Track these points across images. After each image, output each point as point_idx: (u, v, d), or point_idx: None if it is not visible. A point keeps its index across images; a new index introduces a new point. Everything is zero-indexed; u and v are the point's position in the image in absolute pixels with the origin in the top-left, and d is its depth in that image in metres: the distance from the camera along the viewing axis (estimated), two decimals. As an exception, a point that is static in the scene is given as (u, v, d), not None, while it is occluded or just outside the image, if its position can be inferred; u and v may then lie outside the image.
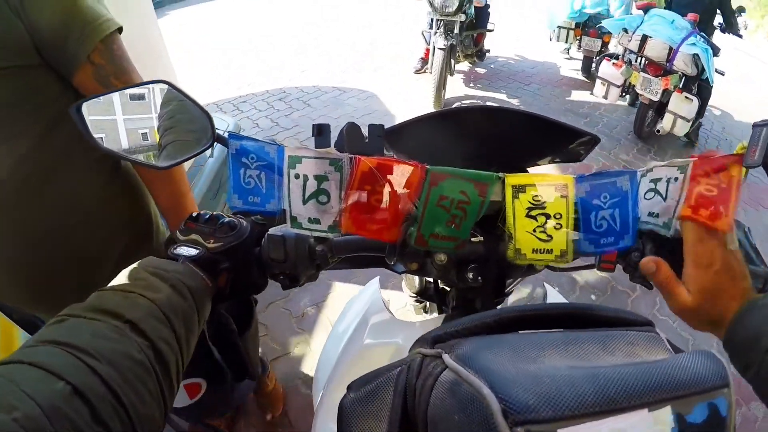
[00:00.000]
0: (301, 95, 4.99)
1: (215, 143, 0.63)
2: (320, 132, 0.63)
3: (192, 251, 0.61)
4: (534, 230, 0.60)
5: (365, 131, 0.68)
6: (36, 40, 0.85)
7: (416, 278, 1.14)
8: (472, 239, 0.73)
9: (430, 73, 4.37)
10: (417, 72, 5.30)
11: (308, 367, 2.26)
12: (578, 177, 0.61)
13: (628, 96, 4.83)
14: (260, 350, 1.90)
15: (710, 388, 0.35)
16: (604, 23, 4.54)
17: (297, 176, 0.59)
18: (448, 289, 0.95)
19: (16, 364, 0.39)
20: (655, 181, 0.61)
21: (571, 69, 6.18)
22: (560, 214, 0.60)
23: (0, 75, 0.84)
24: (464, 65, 5.85)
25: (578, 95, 5.47)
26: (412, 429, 0.42)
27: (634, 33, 3.99)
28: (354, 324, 0.92)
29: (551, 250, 0.60)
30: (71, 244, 1.04)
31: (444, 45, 4.18)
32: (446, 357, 0.40)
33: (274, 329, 2.44)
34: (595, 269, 0.71)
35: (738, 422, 2.21)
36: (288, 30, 7.18)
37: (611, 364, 0.38)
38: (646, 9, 4.12)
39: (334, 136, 0.66)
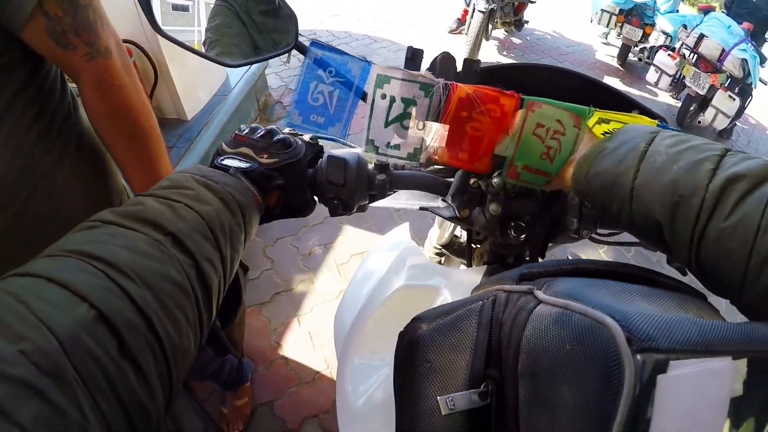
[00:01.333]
0: (331, 39, 4.87)
1: (293, 48, 0.61)
2: (413, 56, 0.60)
3: (243, 164, 0.57)
4: None
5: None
6: None
7: (448, 229, 1.13)
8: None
9: (466, 34, 4.28)
10: (452, 32, 5.19)
11: (308, 306, 2.29)
12: (661, 124, 0.60)
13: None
14: (246, 359, 1.92)
15: None
16: (666, 16, 4.96)
17: (383, 96, 0.56)
18: (478, 246, 0.93)
19: (31, 278, 0.32)
20: None
21: (607, 54, 6.06)
22: None
23: None
24: (500, 33, 5.71)
25: (609, 81, 5.36)
26: (495, 361, 0.41)
27: (692, 30, 4.42)
28: (387, 264, 0.90)
29: None
30: (34, 230, 0.84)
31: (485, 8, 4.08)
32: (539, 293, 0.40)
33: (279, 264, 2.45)
34: (641, 244, 0.70)
35: None
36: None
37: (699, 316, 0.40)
38: (706, 11, 4.69)
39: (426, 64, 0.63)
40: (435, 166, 0.74)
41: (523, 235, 0.71)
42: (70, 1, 0.72)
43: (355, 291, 0.92)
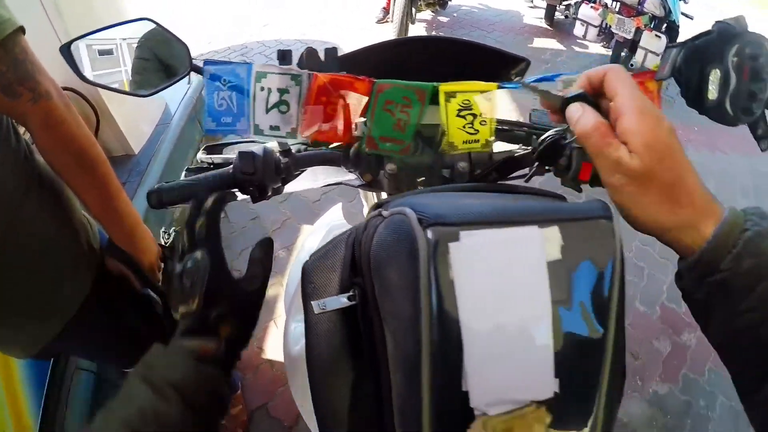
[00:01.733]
0: (262, 49, 4.95)
1: (191, 71, 0.72)
2: (283, 57, 0.72)
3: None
4: (463, 127, 0.70)
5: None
6: None
7: (374, 196, 1.26)
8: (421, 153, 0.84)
9: (392, 22, 4.39)
10: (379, 22, 5.30)
11: (281, 307, 2.35)
12: (501, 84, 0.71)
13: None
14: (234, 372, 1.99)
15: (594, 216, 0.44)
16: None
17: (262, 89, 0.68)
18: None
19: None
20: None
21: (534, 17, 6.25)
22: (485, 113, 0.71)
23: None
24: (427, 14, 5.84)
25: (540, 42, 5.57)
26: (359, 272, 0.51)
27: None
28: (318, 239, 1.03)
29: (478, 140, 0.71)
30: (8, 259, 0.94)
31: None
32: (383, 211, 0.49)
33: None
34: (537, 174, 0.83)
35: (668, 350, 2.46)
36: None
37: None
38: None
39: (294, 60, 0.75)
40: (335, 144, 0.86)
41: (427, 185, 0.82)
42: (11, 58, 0.83)
43: (296, 267, 1.04)
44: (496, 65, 0.94)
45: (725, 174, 3.86)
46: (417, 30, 5.39)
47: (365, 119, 0.70)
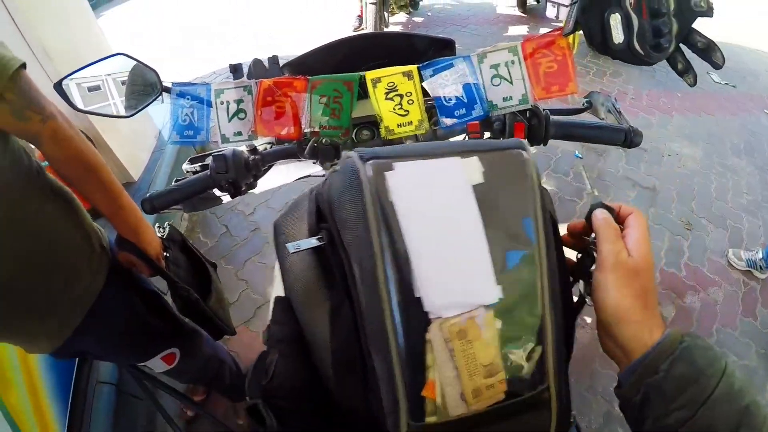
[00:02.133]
0: (235, 61, 5.03)
1: (162, 92, 0.87)
2: (235, 70, 0.87)
3: None
4: (394, 109, 0.82)
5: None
6: None
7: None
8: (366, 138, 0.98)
9: (366, 28, 4.53)
10: (355, 30, 5.39)
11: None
12: (421, 66, 0.82)
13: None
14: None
15: (509, 147, 0.52)
16: None
17: (222, 103, 0.83)
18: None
19: None
20: (495, 66, 0.81)
21: (507, 6, 6.37)
22: (411, 92, 0.82)
23: None
24: (401, 17, 5.97)
25: (515, 30, 5.70)
26: (324, 218, 0.56)
27: None
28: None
29: (411, 122, 0.82)
30: (16, 271, 1.09)
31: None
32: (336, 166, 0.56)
33: (253, 283, 2.67)
34: (466, 137, 0.94)
35: (673, 315, 2.55)
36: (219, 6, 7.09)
37: None
38: None
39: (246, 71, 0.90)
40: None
41: None
42: (18, 88, 0.99)
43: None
44: (424, 47, 1.06)
45: (713, 136, 3.98)
46: (392, 33, 5.49)
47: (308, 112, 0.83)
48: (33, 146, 1.10)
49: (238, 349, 2.21)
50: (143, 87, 0.92)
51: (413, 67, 0.82)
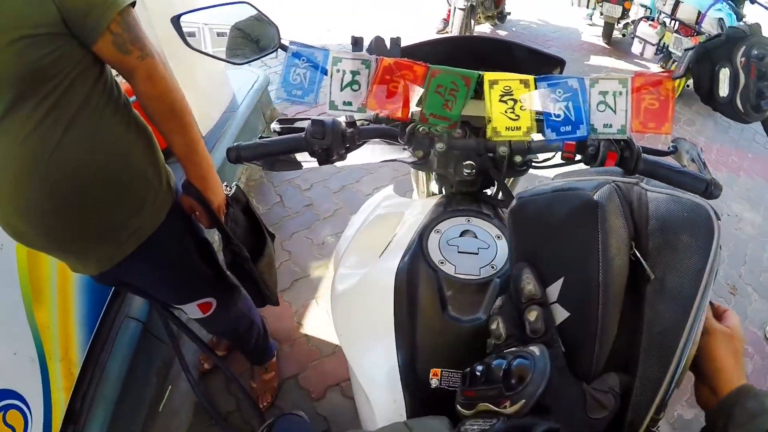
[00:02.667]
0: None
1: (278, 48, 0.88)
2: (356, 42, 0.87)
3: (486, 425, 0.50)
4: (505, 111, 0.81)
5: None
6: (63, 13, 0.98)
7: (424, 186, 1.39)
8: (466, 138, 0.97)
9: (451, 32, 4.52)
10: (439, 32, 5.40)
11: (324, 288, 2.52)
12: (538, 78, 0.82)
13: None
14: (271, 339, 2.10)
15: None
16: None
17: (338, 71, 0.83)
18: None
19: None
20: (604, 93, 0.81)
21: (593, 35, 6.24)
22: (525, 99, 0.81)
23: (36, 40, 0.97)
24: (486, 27, 5.94)
25: (597, 60, 5.58)
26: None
27: None
28: (370, 209, 1.18)
29: (519, 127, 0.82)
30: (88, 190, 1.14)
31: (464, 5, 4.32)
32: (643, 184, 0.67)
33: (296, 255, 2.70)
34: (565, 163, 0.94)
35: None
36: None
37: None
38: None
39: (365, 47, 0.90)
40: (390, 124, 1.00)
41: (473, 169, 0.95)
42: (126, 23, 1.06)
43: (349, 230, 1.19)
44: (532, 60, 1.07)
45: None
46: (474, 41, 5.47)
47: (420, 98, 0.83)
48: (125, 81, 1.16)
49: (268, 315, 2.23)
50: (260, 39, 0.94)
51: (531, 78, 0.82)
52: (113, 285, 1.63)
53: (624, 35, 5.87)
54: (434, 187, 1.37)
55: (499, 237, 0.88)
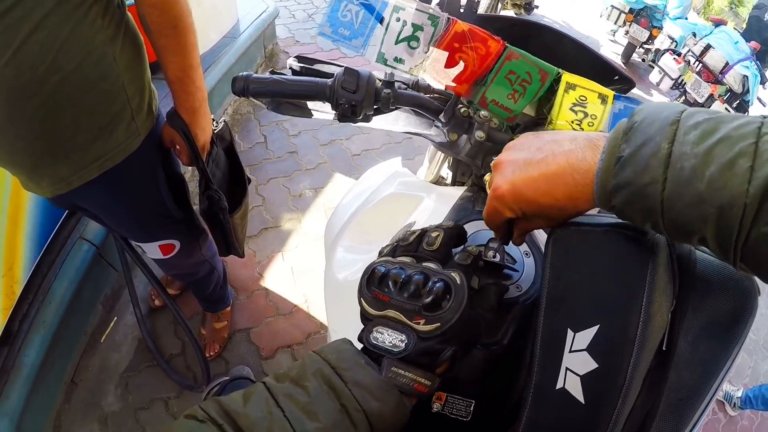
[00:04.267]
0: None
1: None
2: None
3: (397, 342, 0.51)
4: (572, 122, 0.71)
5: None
6: None
7: (436, 167, 1.26)
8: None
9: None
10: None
11: (293, 243, 2.42)
12: (617, 95, 0.72)
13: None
14: (229, 288, 2.00)
15: None
16: (676, 22, 5.12)
17: (398, 20, 0.69)
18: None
19: None
20: None
21: (612, 51, 6.16)
22: (596, 116, 0.72)
23: None
24: (510, 14, 5.73)
25: (611, 77, 5.49)
26: None
27: (700, 39, 4.62)
28: (380, 181, 1.04)
29: None
30: (52, 100, 0.96)
31: None
32: None
33: (270, 202, 2.57)
34: None
35: None
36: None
37: None
38: (717, 24, 4.81)
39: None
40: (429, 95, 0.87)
41: None
42: None
43: (348, 201, 1.05)
44: (603, 72, 0.94)
45: None
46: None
47: (486, 79, 0.70)
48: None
49: (229, 261, 2.12)
50: None
51: (611, 94, 0.72)
52: (68, 209, 1.46)
53: (643, 60, 5.80)
54: (444, 171, 1.26)
55: (527, 254, 0.77)
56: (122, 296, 2.08)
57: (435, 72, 0.70)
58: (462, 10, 0.77)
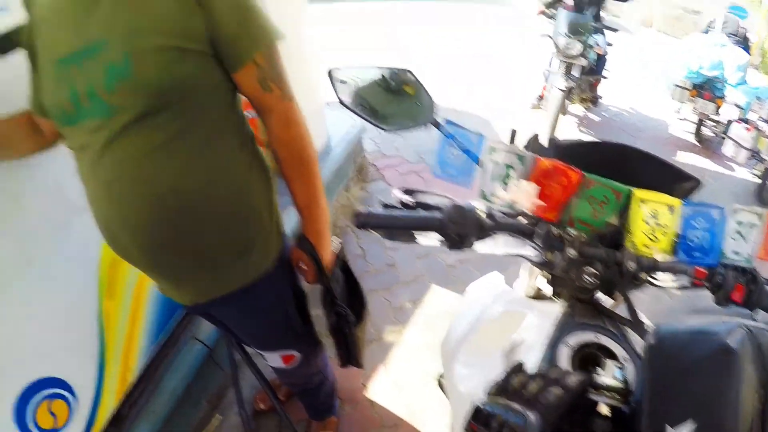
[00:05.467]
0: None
1: (429, 123, 0.92)
2: (513, 135, 0.92)
3: None
4: (645, 232, 0.85)
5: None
6: (210, 31, 0.94)
7: (533, 282, 1.37)
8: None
9: (544, 110, 4.51)
10: (533, 108, 5.38)
11: (396, 355, 2.46)
12: (686, 202, 0.85)
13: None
14: (336, 398, 2.04)
15: None
16: (738, 89, 4.89)
17: (492, 161, 0.88)
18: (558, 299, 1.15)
19: None
20: (739, 223, 0.85)
21: (681, 129, 6.06)
22: (668, 225, 0.85)
23: (182, 54, 0.93)
24: (578, 109, 5.85)
25: (683, 156, 5.39)
26: None
27: (766, 101, 4.43)
28: (488, 299, 1.17)
29: (656, 248, 0.85)
30: (203, 222, 1.08)
31: (564, 86, 4.25)
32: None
33: (372, 315, 2.56)
34: (689, 287, 0.93)
35: None
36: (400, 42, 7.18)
37: None
38: None
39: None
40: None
41: (597, 278, 0.93)
42: (272, 59, 1.04)
43: (460, 320, 1.18)
44: (670, 179, 1.05)
45: None
46: (567, 122, 5.41)
47: (570, 203, 0.87)
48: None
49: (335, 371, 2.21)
50: (413, 107, 0.97)
51: (678, 202, 0.85)
52: (200, 315, 1.61)
53: (715, 134, 5.65)
54: (540, 282, 1.35)
55: (626, 360, 0.86)
56: (227, 396, 2.16)
57: (527, 202, 0.87)
58: (546, 147, 0.95)
